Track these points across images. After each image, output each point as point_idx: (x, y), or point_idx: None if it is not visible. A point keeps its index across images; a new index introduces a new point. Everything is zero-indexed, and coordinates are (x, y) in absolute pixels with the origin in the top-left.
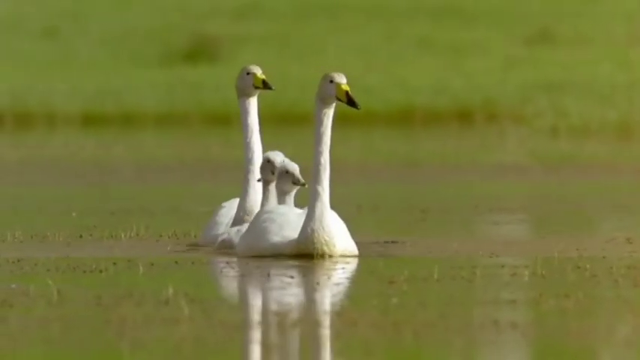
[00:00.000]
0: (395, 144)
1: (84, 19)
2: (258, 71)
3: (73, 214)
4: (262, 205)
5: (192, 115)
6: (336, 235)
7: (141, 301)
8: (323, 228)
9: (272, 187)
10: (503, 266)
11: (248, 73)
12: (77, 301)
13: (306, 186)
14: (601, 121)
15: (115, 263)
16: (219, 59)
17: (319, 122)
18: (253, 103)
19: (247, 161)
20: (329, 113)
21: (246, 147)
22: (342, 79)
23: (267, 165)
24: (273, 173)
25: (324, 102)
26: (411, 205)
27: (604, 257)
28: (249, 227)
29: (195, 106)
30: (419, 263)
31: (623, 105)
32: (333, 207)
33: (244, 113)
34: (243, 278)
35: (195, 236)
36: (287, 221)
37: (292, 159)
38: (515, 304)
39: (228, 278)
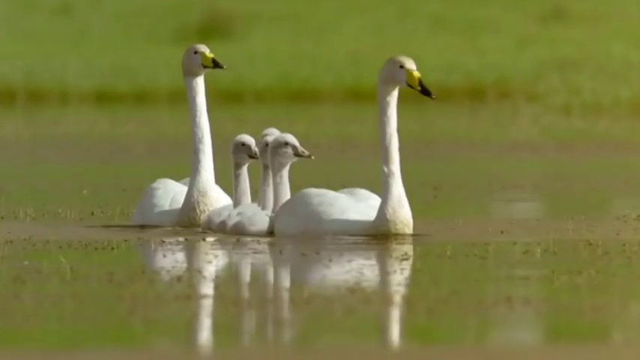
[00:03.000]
0: (408, 121)
1: None
2: (207, 50)
3: (84, 192)
4: (265, 188)
5: (205, 92)
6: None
7: (153, 278)
8: (403, 207)
9: (285, 173)
10: (515, 243)
11: (195, 52)
12: (90, 278)
13: (313, 157)
14: (614, 98)
15: (126, 240)
16: (232, 37)
17: (385, 104)
18: (201, 82)
19: (197, 140)
20: (394, 94)
21: (195, 126)
22: (412, 65)
23: (242, 148)
24: (251, 157)
25: (390, 85)
26: (423, 182)
27: (617, 234)
28: (295, 210)
29: (208, 84)
30: (432, 240)
31: (637, 83)
32: (348, 184)
33: (192, 92)
34: (256, 255)
35: None
36: (345, 203)
37: (306, 136)
38: (528, 280)
39: (240, 255)
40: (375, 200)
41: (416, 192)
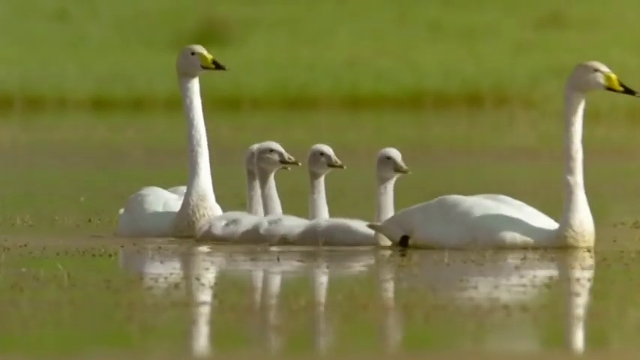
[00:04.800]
0: (405, 128)
1: (94, 2)
2: (204, 51)
3: (81, 199)
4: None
5: (201, 98)
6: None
7: (151, 284)
8: (589, 220)
9: (322, 179)
10: (513, 250)
11: (193, 53)
12: (87, 285)
13: (345, 167)
14: (611, 105)
15: (123, 247)
16: (229, 43)
17: (572, 111)
18: (196, 84)
19: (195, 143)
20: (583, 102)
21: (192, 128)
22: (606, 68)
23: (273, 154)
24: (282, 162)
25: (581, 91)
26: (421, 188)
27: (614, 241)
28: (451, 218)
29: (204, 90)
30: (429, 247)
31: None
32: (347, 190)
33: (187, 94)
34: (253, 262)
35: None
36: (513, 212)
37: (302, 142)
38: (526, 287)
39: (238, 262)
40: (530, 208)
41: (413, 198)
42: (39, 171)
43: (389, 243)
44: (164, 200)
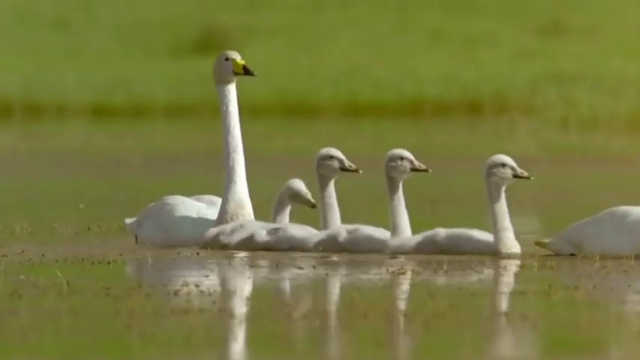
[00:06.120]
0: (405, 135)
1: (94, 9)
2: (238, 57)
3: (81, 206)
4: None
5: (202, 106)
6: None
7: (150, 292)
8: None
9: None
10: (512, 257)
11: (227, 59)
12: (86, 292)
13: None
14: (611, 112)
15: (122, 254)
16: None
17: None
18: (233, 90)
19: (232, 150)
20: None
21: (229, 135)
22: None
23: (333, 160)
24: (342, 169)
25: None
26: (421, 196)
27: None
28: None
29: (205, 98)
30: (429, 254)
31: (634, 97)
32: (346, 198)
33: (224, 101)
34: (253, 269)
35: None
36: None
37: (303, 150)
38: (525, 295)
39: (238, 269)
40: None
41: (413, 206)
42: (38, 178)
43: (510, 250)
44: (196, 209)
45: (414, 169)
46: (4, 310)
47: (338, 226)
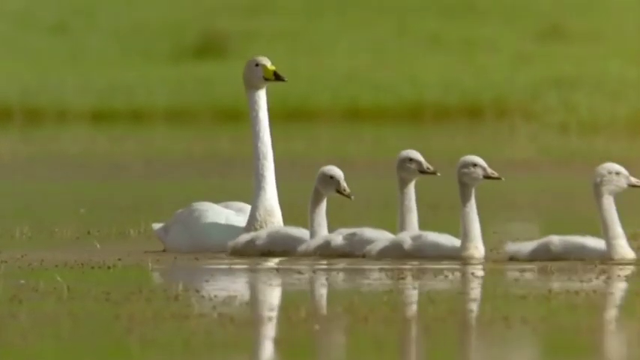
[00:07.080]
0: (405, 140)
1: (94, 14)
2: (268, 62)
3: (81, 211)
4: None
5: (202, 110)
6: None
7: (150, 297)
8: None
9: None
10: (512, 261)
11: (257, 65)
12: (86, 297)
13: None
14: (611, 117)
15: (122, 259)
16: (229, 55)
17: None
18: (263, 96)
19: (262, 156)
20: None
21: (259, 141)
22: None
23: (412, 163)
24: (421, 172)
25: None
26: (421, 200)
27: None
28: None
29: (205, 102)
30: (429, 259)
31: (634, 100)
32: (345, 202)
33: (254, 106)
34: (253, 274)
35: None
36: None
37: (303, 155)
38: (525, 299)
39: (238, 274)
40: None
41: None
42: (38, 183)
43: (625, 257)
44: (225, 215)
45: (487, 177)
46: (5, 314)
47: (403, 234)
